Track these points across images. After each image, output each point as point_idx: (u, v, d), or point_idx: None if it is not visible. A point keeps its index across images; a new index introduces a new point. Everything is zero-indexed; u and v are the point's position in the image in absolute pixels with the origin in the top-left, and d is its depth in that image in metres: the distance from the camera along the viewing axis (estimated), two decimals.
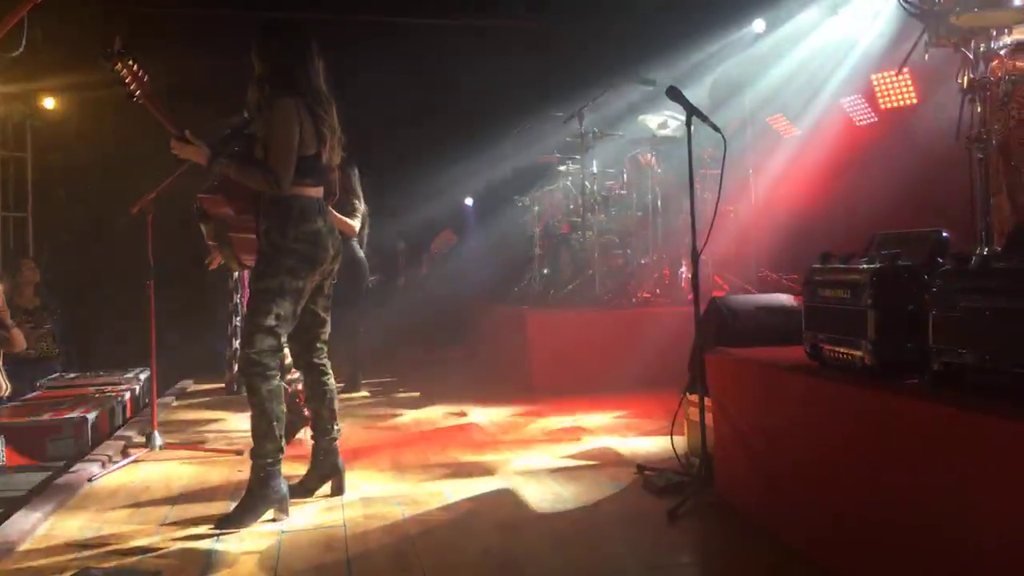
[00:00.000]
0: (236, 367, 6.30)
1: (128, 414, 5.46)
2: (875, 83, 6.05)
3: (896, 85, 5.95)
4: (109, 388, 5.64)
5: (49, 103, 7.40)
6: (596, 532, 2.98)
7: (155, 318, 4.43)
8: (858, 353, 2.52)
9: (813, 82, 7.21)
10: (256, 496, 3.15)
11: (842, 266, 2.70)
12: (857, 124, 6.48)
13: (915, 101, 5.93)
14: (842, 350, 2.62)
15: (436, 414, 5.41)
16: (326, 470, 3.50)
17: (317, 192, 3.29)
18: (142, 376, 6.00)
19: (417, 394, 6.17)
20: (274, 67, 3.23)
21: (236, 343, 6.32)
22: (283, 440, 3.24)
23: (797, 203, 7.12)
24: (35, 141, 8.20)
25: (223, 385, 6.45)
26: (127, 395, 5.55)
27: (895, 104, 6.02)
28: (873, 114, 6.30)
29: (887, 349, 2.45)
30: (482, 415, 5.30)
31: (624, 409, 5.20)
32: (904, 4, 2.82)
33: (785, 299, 3.68)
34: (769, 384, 2.91)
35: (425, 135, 8.44)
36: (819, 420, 2.58)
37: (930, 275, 2.35)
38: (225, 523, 3.09)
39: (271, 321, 3.13)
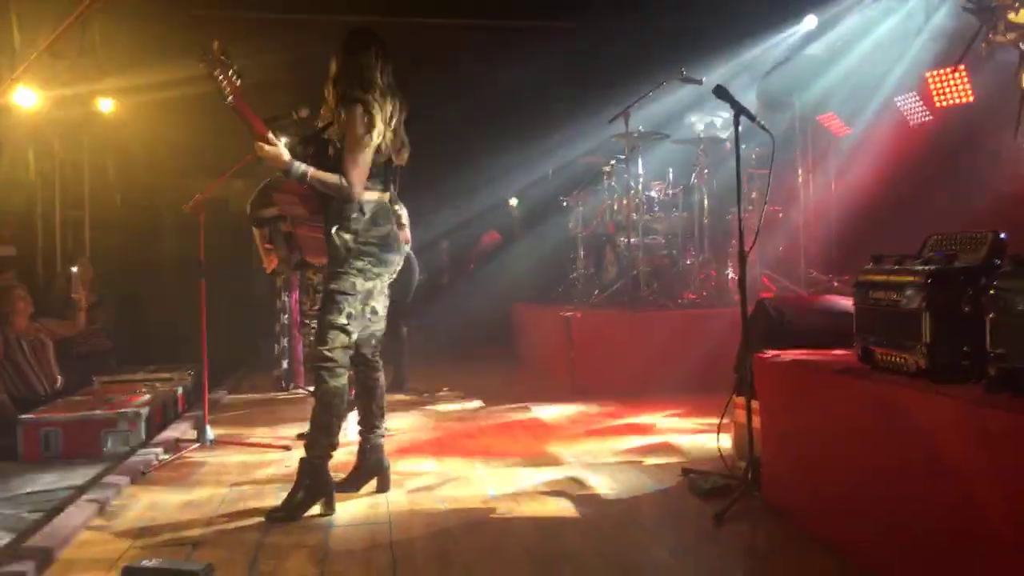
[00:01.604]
0: (284, 364, 6.41)
1: (180, 408, 5.58)
2: (930, 81, 5.90)
3: (952, 83, 5.79)
4: (162, 383, 5.77)
5: (105, 106, 7.60)
6: (640, 534, 2.96)
7: (206, 315, 4.52)
8: (911, 357, 2.47)
9: (866, 81, 7.06)
10: (305, 489, 3.22)
11: (896, 267, 2.64)
12: (912, 123, 6.33)
13: (971, 99, 5.77)
14: (895, 353, 2.56)
15: (480, 413, 5.43)
16: (372, 466, 3.54)
17: (387, 195, 3.41)
18: (194, 371, 6.13)
19: (460, 393, 6.19)
20: (348, 70, 3.31)
21: (284, 341, 6.43)
22: (337, 437, 3.32)
23: (848, 204, 6.98)
24: (91, 143, 8.44)
25: (271, 381, 6.55)
26: (179, 390, 5.67)
27: (951, 102, 5.86)
28: (928, 112, 6.15)
29: (942, 352, 2.39)
30: (525, 415, 5.30)
31: (669, 410, 5.16)
32: (962, 1, 2.75)
33: (835, 301, 3.61)
34: (818, 387, 2.86)
35: (470, 136, 8.48)
36: (870, 424, 2.53)
37: (987, 277, 2.29)
38: (274, 516, 3.16)
39: (343, 320, 3.25)
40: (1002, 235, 2.49)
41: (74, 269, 6.86)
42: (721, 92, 3.49)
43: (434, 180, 4.55)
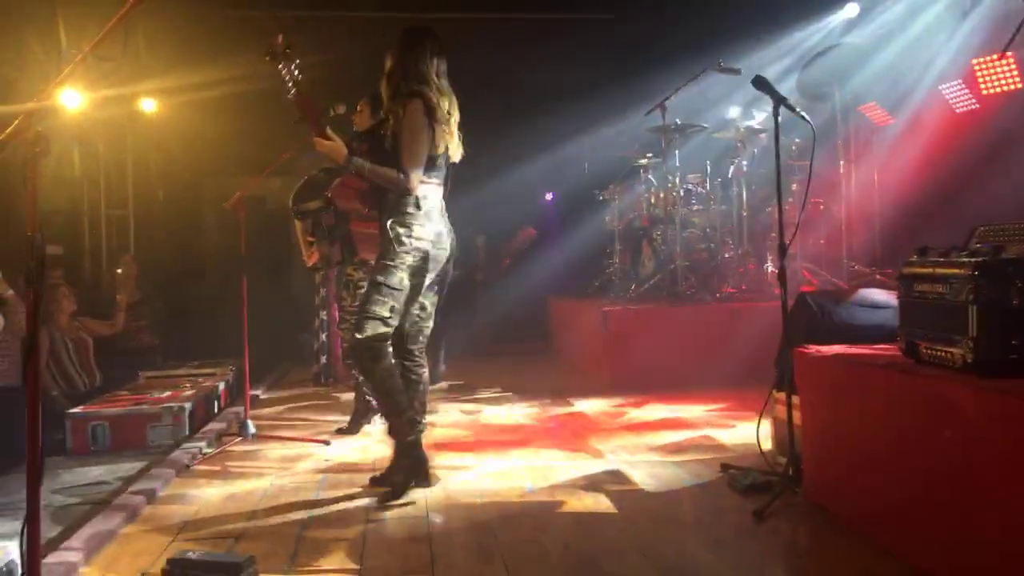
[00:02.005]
0: (323, 360, 6.48)
1: (223, 403, 5.67)
2: (976, 68, 5.75)
3: (999, 69, 5.64)
4: (205, 378, 5.87)
5: (148, 106, 7.74)
6: (678, 530, 2.94)
7: (247, 311, 4.58)
8: (957, 351, 2.41)
9: (910, 69, 6.90)
10: (401, 469, 3.38)
11: (941, 259, 2.58)
12: (957, 111, 6.17)
13: (1020, 86, 5.61)
14: (940, 347, 2.51)
15: (517, 407, 5.43)
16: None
17: (440, 190, 3.42)
18: (235, 367, 6.23)
19: (497, 388, 6.20)
20: (403, 66, 3.34)
21: (323, 336, 6.49)
22: (411, 410, 3.39)
23: (892, 195, 6.84)
24: (134, 142, 8.60)
25: (311, 377, 6.62)
26: (222, 385, 5.76)
27: (998, 89, 5.71)
28: (974, 100, 5.99)
29: (989, 346, 2.33)
30: (563, 409, 5.29)
31: (708, 405, 5.12)
32: None
33: (878, 294, 3.54)
34: (861, 382, 2.81)
35: (505, 130, 8.48)
36: (914, 421, 2.48)
37: None
38: (384, 500, 3.28)
39: (385, 312, 3.27)
40: None
41: (118, 271, 7.02)
42: (760, 82, 3.44)
43: (467, 176, 4.55)
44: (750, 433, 3.76)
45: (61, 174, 7.49)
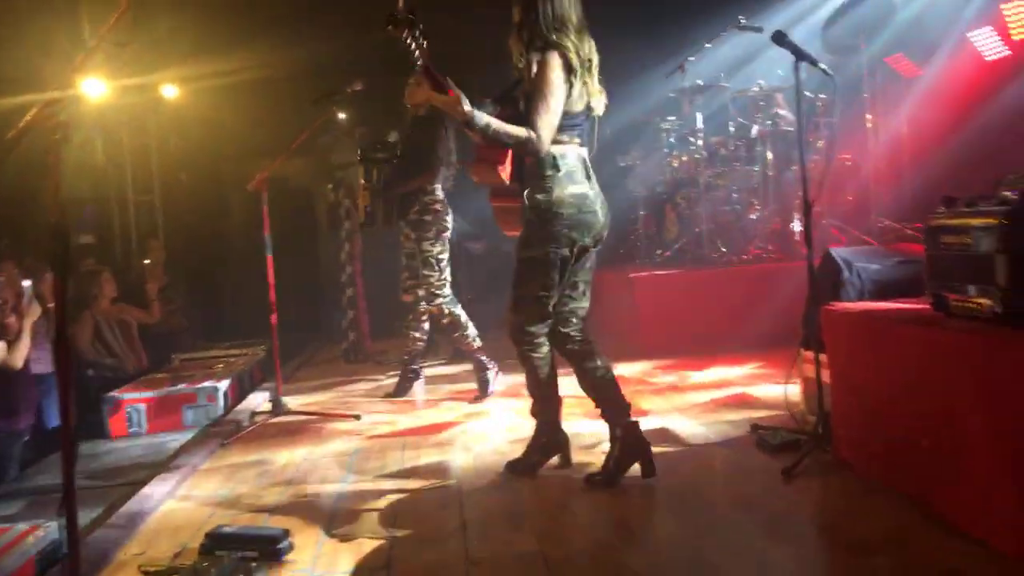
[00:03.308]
0: (351, 336, 6.53)
1: (255, 381, 5.76)
2: (1006, 13, 5.58)
3: None
4: (236, 358, 5.97)
5: (170, 92, 7.80)
6: (709, 490, 2.95)
7: (274, 290, 4.63)
8: (987, 301, 2.36)
9: (937, 19, 6.71)
10: (541, 445, 3.26)
11: (968, 209, 2.53)
12: (987, 59, 6.00)
13: None
14: (969, 299, 2.46)
15: None
16: (629, 451, 3.06)
17: (583, 150, 3.09)
18: (265, 346, 6.32)
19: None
20: (535, 12, 2.98)
21: (351, 314, 6.54)
22: (558, 396, 3.26)
23: (922, 148, 6.68)
24: (156, 129, 8.69)
25: (340, 353, 6.68)
26: (253, 364, 5.86)
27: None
28: (1005, 47, 5.82)
29: (1020, 296, 2.29)
30: None
31: (736, 366, 5.09)
32: None
33: (907, 249, 3.48)
34: (889, 338, 2.77)
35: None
36: (944, 374, 2.44)
37: None
38: (514, 468, 3.24)
39: (537, 291, 3.02)
40: None
41: (146, 261, 7.14)
42: (779, 38, 3.36)
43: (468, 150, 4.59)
44: (779, 392, 3.74)
45: (85, 162, 7.60)
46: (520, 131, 2.90)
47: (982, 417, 2.24)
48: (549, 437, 3.26)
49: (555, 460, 3.26)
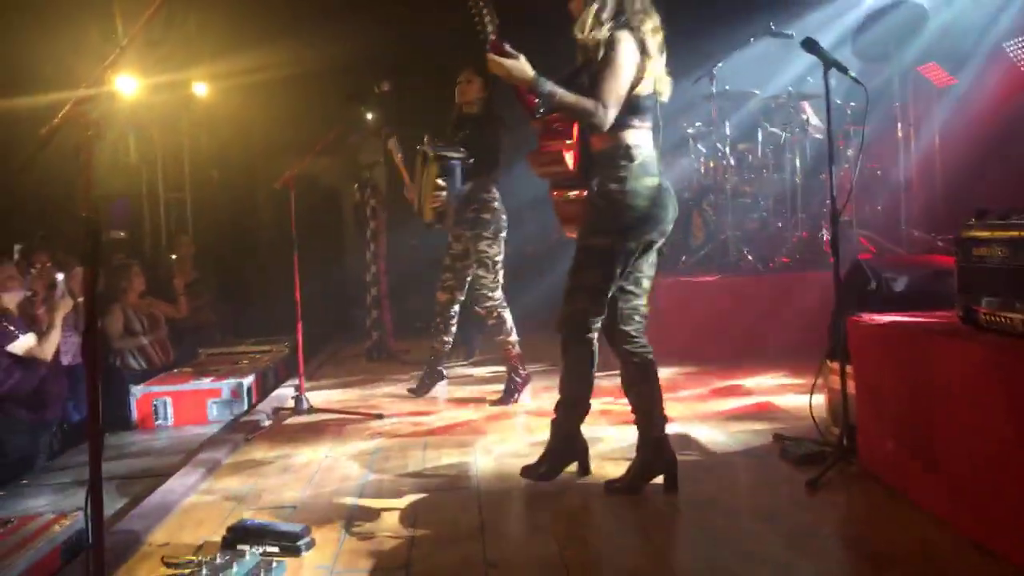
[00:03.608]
0: (375, 335, 6.56)
1: (279, 378, 5.81)
2: None
3: None
4: (262, 354, 6.02)
5: (201, 90, 7.90)
6: (731, 500, 2.93)
7: (300, 288, 4.67)
8: (1019, 316, 2.33)
9: (973, 27, 6.62)
10: (558, 451, 3.11)
11: (1001, 222, 2.49)
12: (1022, 69, 5.91)
13: None
14: (1000, 313, 2.42)
15: None
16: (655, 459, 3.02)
17: (652, 137, 2.96)
18: (290, 343, 6.37)
19: (548, 361, 6.20)
20: (602, 5, 2.87)
21: (375, 313, 6.58)
22: (588, 401, 3.11)
23: (954, 159, 6.59)
24: (188, 126, 8.80)
25: (363, 352, 6.71)
26: (278, 361, 5.91)
27: None
28: None
29: None
30: (615, 380, 5.26)
31: (761, 375, 5.05)
32: None
33: (936, 261, 3.44)
34: (917, 350, 2.74)
35: None
36: (973, 388, 2.40)
37: None
38: (529, 473, 3.10)
39: (596, 281, 2.88)
40: None
41: (173, 256, 7.23)
42: (809, 44, 3.33)
43: (512, 145, 4.58)
44: (804, 403, 3.70)
45: (118, 160, 7.71)
46: (587, 101, 2.78)
47: (1013, 433, 2.20)
48: (565, 444, 3.13)
49: (572, 467, 3.19)
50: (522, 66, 2.81)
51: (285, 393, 5.21)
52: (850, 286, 3.48)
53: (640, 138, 2.90)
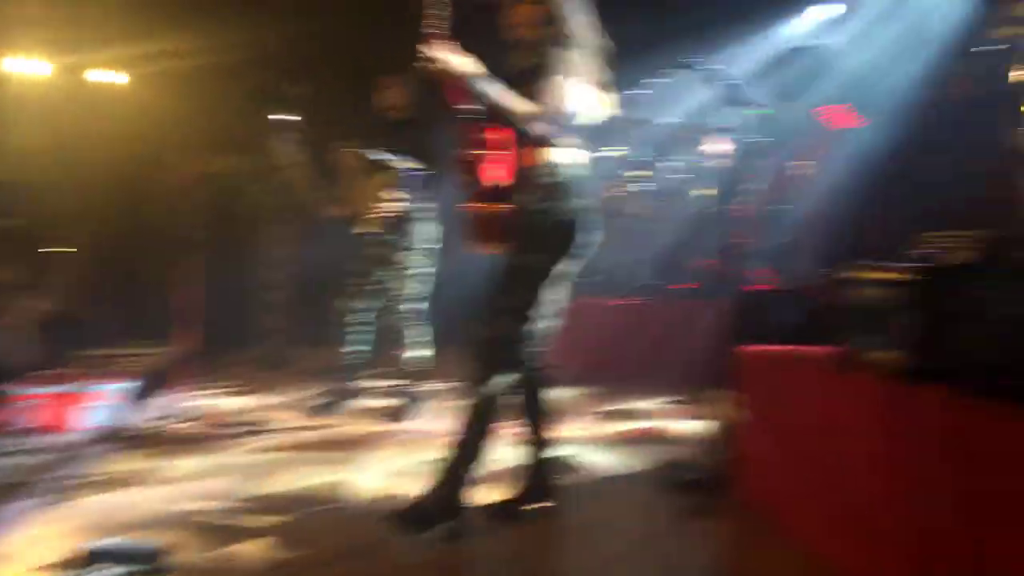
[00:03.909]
0: (273, 342, 6.34)
1: (165, 384, 5.53)
2: (940, 69, 5.77)
3: (962, 73, 5.65)
4: (145, 357, 5.73)
5: (112, 77, 7.54)
6: (610, 527, 2.89)
7: (195, 289, 4.46)
8: (892, 356, 2.37)
9: (881, 71, 6.92)
10: (440, 502, 2.70)
11: (880, 263, 2.54)
12: (921, 111, 6.18)
13: (980, 91, 5.61)
14: (876, 351, 2.47)
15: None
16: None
17: (583, 156, 2.84)
18: (179, 347, 6.09)
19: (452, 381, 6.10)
20: (556, 12, 2.77)
21: (275, 319, 6.36)
22: (484, 450, 2.74)
23: (854, 195, 6.84)
24: (100, 115, 8.35)
25: (259, 359, 6.48)
26: (164, 364, 5.62)
27: (961, 93, 5.71)
28: (941, 101, 5.99)
29: (924, 352, 2.30)
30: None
31: (657, 399, 5.10)
32: None
33: (821, 294, 3.51)
34: (798, 383, 2.78)
35: None
36: (850, 423, 2.45)
37: (970, 276, 2.20)
38: (403, 520, 2.69)
39: (520, 303, 2.72)
40: (990, 233, 2.40)
41: (62, 250, 6.84)
42: (718, 82, 3.39)
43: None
44: (694, 429, 3.73)
45: (24, 145, 7.28)
46: (529, 108, 2.64)
47: (887, 470, 2.24)
48: (452, 492, 2.70)
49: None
50: (464, 60, 2.63)
51: (168, 400, 4.96)
52: (742, 316, 3.53)
53: (569, 157, 2.78)
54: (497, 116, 2.70)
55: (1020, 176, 2.62)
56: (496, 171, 2.80)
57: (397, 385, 4.71)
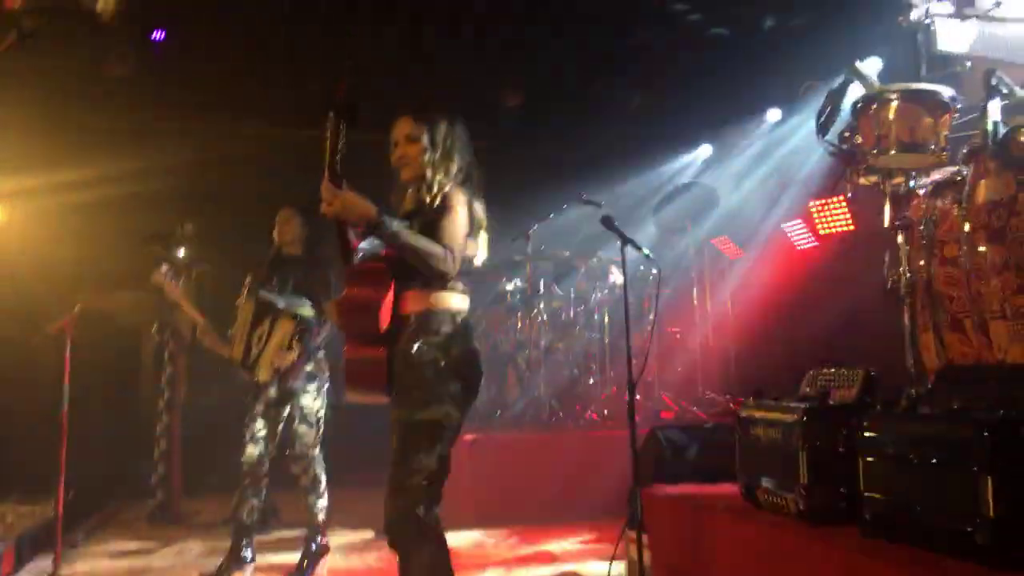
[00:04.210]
0: (160, 495, 5.92)
1: (38, 545, 5.06)
2: (813, 209, 6.20)
3: (833, 212, 6.09)
4: (19, 517, 5.26)
5: None
6: None
7: (67, 441, 4.17)
8: (791, 497, 2.42)
9: (756, 207, 7.41)
10: None
11: (773, 404, 2.63)
12: (798, 249, 6.60)
13: (852, 227, 6.05)
14: (776, 493, 2.52)
15: (372, 544, 5.07)
16: None
17: (467, 303, 2.74)
18: (53, 505, 5.62)
19: (351, 524, 5.83)
20: (445, 153, 2.72)
21: (162, 468, 5.98)
22: None
23: (744, 324, 7.15)
24: None
25: (145, 514, 6.01)
26: (39, 523, 5.16)
27: (833, 230, 6.14)
28: (813, 239, 6.43)
29: (819, 493, 2.36)
30: None
31: (572, 538, 4.99)
32: (824, 143, 2.88)
33: (724, 432, 3.59)
34: (704, 526, 2.79)
35: None
36: (756, 564, 2.45)
37: (859, 416, 2.29)
38: None
39: (431, 463, 2.49)
40: (873, 372, 2.52)
41: None
42: (607, 222, 3.53)
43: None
44: (611, 571, 3.64)
45: None
46: (436, 246, 2.52)
47: None
48: None
49: None
50: (363, 201, 2.52)
51: (41, 565, 4.53)
52: (646, 454, 3.55)
53: (463, 303, 2.69)
54: (405, 255, 2.55)
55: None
56: (385, 311, 2.59)
57: (297, 538, 4.42)
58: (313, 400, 4.39)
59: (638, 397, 6.14)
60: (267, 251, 4.62)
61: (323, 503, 4.42)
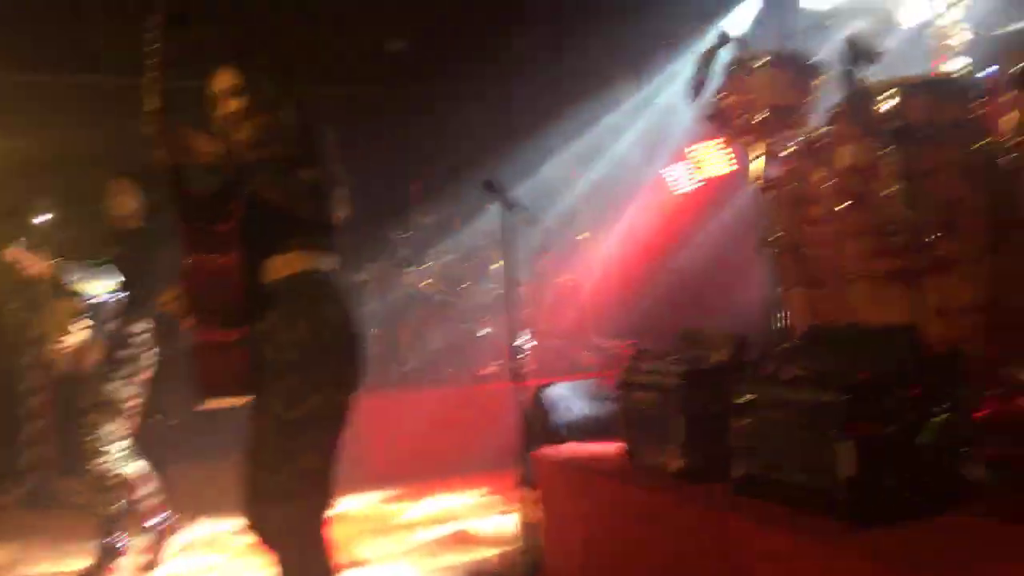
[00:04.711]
0: (35, 477, 5.60)
1: None
2: (694, 152, 6.29)
3: (712, 154, 6.20)
4: None
5: None
6: None
7: None
8: (669, 459, 2.50)
9: (646, 146, 7.48)
10: None
11: (652, 367, 2.68)
12: (680, 192, 6.72)
13: (736, 167, 6.14)
14: (655, 453, 2.59)
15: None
16: None
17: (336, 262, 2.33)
18: None
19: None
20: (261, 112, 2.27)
21: (35, 450, 5.65)
22: None
23: (633, 269, 7.28)
24: None
25: (15, 499, 5.66)
26: None
27: (714, 173, 6.26)
28: (696, 181, 6.54)
29: (695, 453, 2.44)
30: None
31: (470, 492, 5.05)
32: (695, 106, 2.90)
33: (607, 391, 3.66)
34: (588, 487, 2.85)
35: None
36: (636, 524, 2.53)
37: (732, 378, 2.36)
38: None
39: (317, 461, 2.14)
40: (745, 335, 2.60)
41: None
42: (489, 186, 3.51)
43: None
44: (502, 528, 3.71)
45: None
46: (304, 185, 2.14)
47: (669, 565, 2.32)
48: None
49: None
50: (205, 135, 2.10)
51: None
52: (534, 414, 3.59)
53: (334, 262, 2.29)
54: (271, 197, 2.12)
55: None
56: (238, 280, 2.13)
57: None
58: (124, 385, 3.79)
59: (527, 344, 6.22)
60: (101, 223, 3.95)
61: (149, 489, 3.88)
